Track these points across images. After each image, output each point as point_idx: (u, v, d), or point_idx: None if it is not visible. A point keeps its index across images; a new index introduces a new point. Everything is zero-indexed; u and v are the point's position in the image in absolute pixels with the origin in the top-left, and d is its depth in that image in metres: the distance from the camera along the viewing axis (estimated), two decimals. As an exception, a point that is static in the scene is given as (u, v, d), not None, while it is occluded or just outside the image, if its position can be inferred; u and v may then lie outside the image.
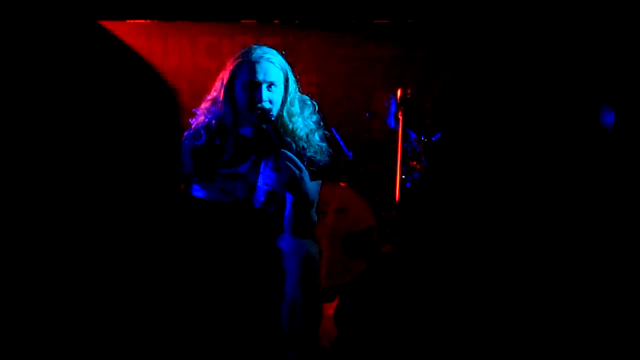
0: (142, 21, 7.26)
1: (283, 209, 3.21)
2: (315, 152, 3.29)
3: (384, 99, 6.60)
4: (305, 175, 3.08)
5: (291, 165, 3.04)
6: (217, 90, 3.30)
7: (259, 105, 3.16)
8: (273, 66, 3.22)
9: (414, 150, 6.34)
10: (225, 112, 3.27)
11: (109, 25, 7.05)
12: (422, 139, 6.37)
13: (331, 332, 4.88)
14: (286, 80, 3.26)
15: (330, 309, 5.06)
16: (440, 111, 6.36)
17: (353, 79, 7.41)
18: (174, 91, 7.23)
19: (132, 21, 7.23)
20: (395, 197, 3.39)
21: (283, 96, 3.26)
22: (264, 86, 3.19)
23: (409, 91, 3.37)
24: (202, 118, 3.33)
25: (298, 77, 3.35)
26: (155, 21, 7.35)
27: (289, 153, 3.07)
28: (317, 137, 3.33)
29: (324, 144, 3.34)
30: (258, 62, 3.19)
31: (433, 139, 6.48)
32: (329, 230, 5.66)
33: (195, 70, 7.27)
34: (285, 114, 3.27)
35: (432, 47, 7.19)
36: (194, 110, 3.39)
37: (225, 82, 3.26)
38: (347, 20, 7.02)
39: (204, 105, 3.34)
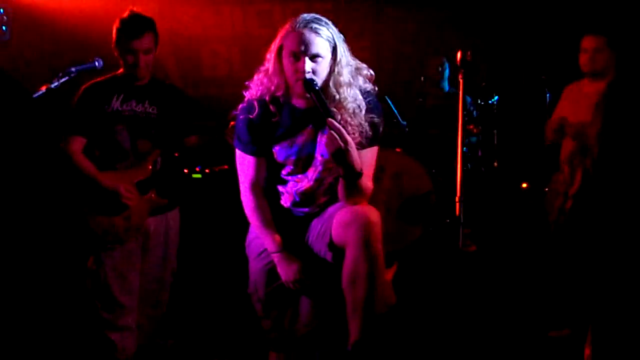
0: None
1: None
2: (364, 124, 3.26)
3: (438, 63, 6.53)
4: (352, 146, 3.06)
5: (337, 136, 3.03)
6: (269, 62, 3.29)
7: (302, 76, 3.14)
8: (319, 37, 3.17)
9: (470, 113, 6.27)
10: (278, 84, 3.26)
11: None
12: (479, 102, 6.30)
13: (389, 299, 4.85)
14: (334, 50, 3.22)
15: (388, 275, 5.04)
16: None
17: (406, 42, 7.35)
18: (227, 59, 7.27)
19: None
20: (457, 162, 3.33)
21: (330, 66, 3.23)
22: (307, 57, 3.17)
23: (469, 53, 3.30)
24: (255, 90, 3.32)
25: (348, 47, 3.30)
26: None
27: (335, 123, 3.05)
28: (366, 108, 3.28)
29: (374, 115, 3.30)
30: (303, 32, 3.16)
31: (490, 102, 6.41)
32: (385, 196, 5.63)
33: (247, 38, 7.26)
34: (332, 84, 3.23)
35: (484, 9, 7.09)
36: (247, 83, 3.37)
37: (274, 53, 3.25)
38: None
39: (257, 77, 3.33)
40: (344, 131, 3.06)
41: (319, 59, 3.18)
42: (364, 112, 3.26)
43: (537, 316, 4.74)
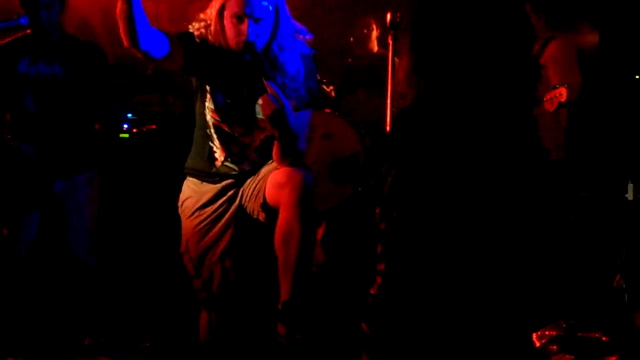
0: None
1: None
2: (301, 87, 3.27)
3: (367, 23, 6.54)
4: (288, 109, 3.07)
5: (272, 99, 3.03)
6: (210, 18, 3.26)
7: (245, 39, 3.12)
8: (262, 0, 3.18)
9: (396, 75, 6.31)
10: (218, 41, 3.24)
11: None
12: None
13: (318, 258, 4.90)
14: (276, 12, 3.22)
15: (317, 234, 5.09)
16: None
17: (337, 2, 7.33)
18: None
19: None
20: (386, 124, 3.37)
21: (272, 30, 3.21)
22: (251, 20, 3.15)
23: (398, 15, 3.32)
24: (197, 33, 3.29)
25: (288, 9, 3.30)
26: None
27: (272, 85, 3.06)
28: (304, 72, 3.30)
29: (311, 79, 3.32)
30: None
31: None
32: (315, 157, 5.65)
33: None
34: (273, 47, 3.23)
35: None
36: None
37: (216, 11, 3.24)
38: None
39: (197, 29, 3.29)
40: (281, 94, 3.06)
41: (262, 22, 3.18)
42: (302, 76, 3.28)
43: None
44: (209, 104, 3.34)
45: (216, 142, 3.37)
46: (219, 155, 3.37)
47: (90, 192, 4.06)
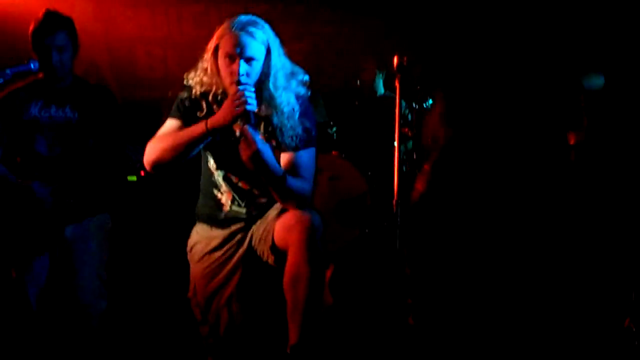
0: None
1: None
2: (297, 127, 3.29)
3: (373, 67, 6.59)
4: (264, 153, 3.11)
5: (248, 142, 3.07)
6: (206, 61, 3.29)
7: (236, 78, 3.18)
8: (254, 40, 3.22)
9: (405, 117, 6.34)
10: (216, 83, 3.28)
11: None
12: (414, 106, 6.37)
13: (326, 300, 4.89)
14: (268, 53, 3.26)
15: (325, 276, 5.08)
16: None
17: (342, 45, 7.39)
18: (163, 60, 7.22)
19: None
20: (394, 165, 3.38)
21: (265, 69, 3.26)
22: (242, 60, 3.19)
23: (405, 58, 3.35)
24: (198, 90, 3.33)
25: (285, 50, 3.34)
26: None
27: (249, 129, 3.09)
28: (299, 111, 3.32)
29: (307, 119, 3.34)
30: (238, 35, 3.20)
31: (424, 105, 6.48)
32: (322, 199, 5.66)
33: (182, 39, 7.22)
34: (267, 86, 3.27)
35: (420, 13, 7.17)
36: (186, 83, 3.37)
37: (211, 52, 3.29)
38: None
39: (196, 76, 3.33)
40: (257, 137, 3.09)
41: (254, 62, 3.22)
42: (297, 115, 3.30)
43: (477, 311, 4.82)
44: (208, 153, 3.38)
45: (221, 188, 3.39)
46: (224, 200, 3.38)
47: (101, 237, 4.06)
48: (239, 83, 3.16)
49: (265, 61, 3.26)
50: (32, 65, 3.91)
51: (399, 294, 3.99)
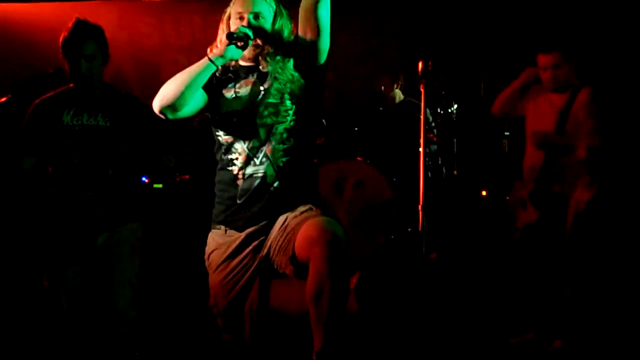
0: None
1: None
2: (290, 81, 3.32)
3: (388, 81, 6.62)
4: None
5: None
6: (221, 32, 3.37)
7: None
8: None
9: (429, 122, 6.33)
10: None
11: (123, 2, 7.09)
12: (439, 111, 6.36)
13: (351, 307, 4.87)
14: (275, 16, 3.33)
15: (350, 283, 5.07)
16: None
17: (367, 52, 7.40)
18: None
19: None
20: (420, 171, 3.36)
21: (272, 31, 3.32)
22: (250, 15, 3.27)
23: (430, 63, 3.33)
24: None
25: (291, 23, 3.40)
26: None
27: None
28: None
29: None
30: None
31: (449, 110, 6.47)
32: (347, 205, 5.66)
33: (207, 46, 7.23)
34: (274, 48, 3.32)
35: (441, 17, 7.17)
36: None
37: (225, 22, 3.36)
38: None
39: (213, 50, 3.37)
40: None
41: (261, 20, 3.29)
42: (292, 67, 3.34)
43: (498, 322, 4.79)
44: (218, 130, 3.39)
45: (235, 154, 3.32)
46: (240, 164, 3.33)
47: (132, 245, 4.06)
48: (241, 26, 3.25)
49: (272, 23, 3.32)
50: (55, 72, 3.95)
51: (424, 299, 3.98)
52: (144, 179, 5.55)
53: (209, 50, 3.36)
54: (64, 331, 3.95)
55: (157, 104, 3.27)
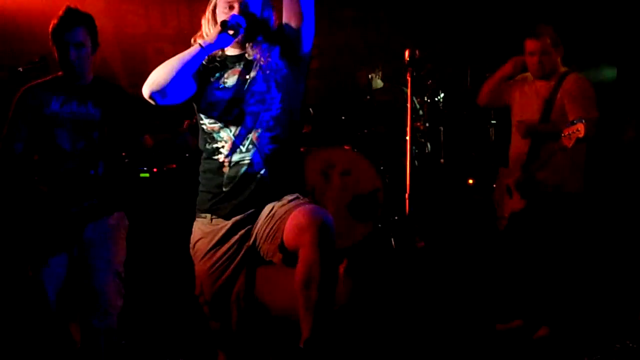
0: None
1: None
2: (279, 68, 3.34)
3: (366, 74, 6.65)
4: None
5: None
6: (206, 22, 3.35)
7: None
8: None
9: (417, 111, 6.34)
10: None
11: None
12: (426, 99, 6.38)
13: (339, 295, 4.88)
14: (262, 3, 3.33)
15: (338, 272, 5.07)
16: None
17: (353, 41, 7.40)
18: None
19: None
20: (406, 159, 3.37)
21: (259, 17, 3.33)
22: (241, 5, 3.27)
23: (417, 52, 3.34)
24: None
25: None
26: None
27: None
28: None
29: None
30: None
31: (436, 99, 6.49)
32: (335, 193, 5.66)
33: (194, 35, 7.23)
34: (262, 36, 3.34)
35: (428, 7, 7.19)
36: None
37: (210, 12, 3.34)
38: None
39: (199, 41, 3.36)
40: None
41: (250, 8, 3.29)
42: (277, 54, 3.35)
43: (485, 310, 4.82)
44: (203, 116, 3.38)
45: (221, 142, 3.33)
46: (225, 152, 3.31)
47: (119, 234, 4.05)
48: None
49: (260, 13, 3.32)
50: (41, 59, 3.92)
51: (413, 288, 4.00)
52: None
53: (192, 40, 3.37)
54: (50, 322, 3.94)
55: (147, 89, 3.25)
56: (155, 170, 5.87)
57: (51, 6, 4.14)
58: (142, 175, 5.82)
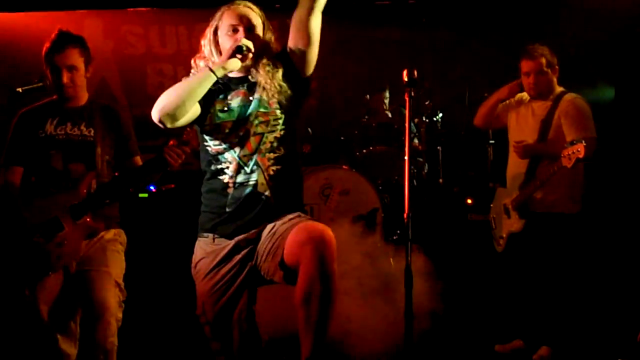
0: (141, 9, 7.29)
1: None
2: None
3: (381, 97, 6.66)
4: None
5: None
6: (204, 47, 3.36)
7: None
8: (253, 12, 3.33)
9: (413, 131, 6.36)
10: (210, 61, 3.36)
11: (109, 12, 7.10)
12: (424, 119, 6.39)
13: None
14: (264, 26, 3.36)
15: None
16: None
17: (351, 61, 7.42)
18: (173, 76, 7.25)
19: (131, 9, 7.27)
20: (405, 179, 3.36)
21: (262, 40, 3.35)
22: (247, 28, 3.29)
23: (415, 72, 3.33)
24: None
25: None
26: (153, 9, 7.38)
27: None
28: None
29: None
30: (239, 7, 3.32)
31: (434, 119, 6.51)
32: (333, 214, 5.66)
33: (192, 56, 7.25)
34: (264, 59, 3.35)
35: (432, 28, 7.21)
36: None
37: (211, 35, 3.34)
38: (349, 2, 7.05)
39: (194, 67, 3.36)
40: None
41: (255, 33, 3.31)
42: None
43: (484, 330, 4.81)
44: (208, 138, 3.37)
45: (226, 163, 3.32)
46: (231, 173, 3.32)
47: (115, 249, 4.05)
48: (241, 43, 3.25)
49: (263, 36, 3.34)
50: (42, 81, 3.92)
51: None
52: (152, 187, 5.55)
53: (192, 61, 3.38)
54: (45, 340, 3.91)
55: (156, 114, 3.25)
56: (154, 190, 5.88)
57: (50, 27, 4.15)
58: (140, 195, 5.82)
